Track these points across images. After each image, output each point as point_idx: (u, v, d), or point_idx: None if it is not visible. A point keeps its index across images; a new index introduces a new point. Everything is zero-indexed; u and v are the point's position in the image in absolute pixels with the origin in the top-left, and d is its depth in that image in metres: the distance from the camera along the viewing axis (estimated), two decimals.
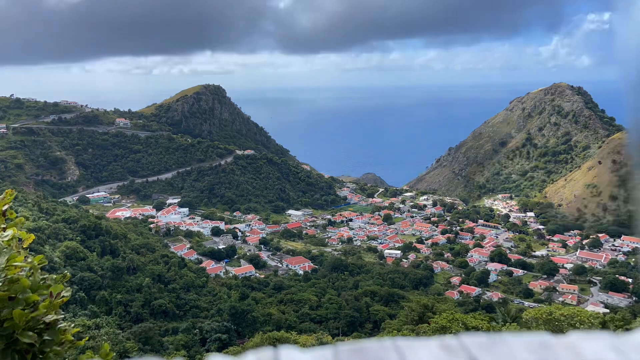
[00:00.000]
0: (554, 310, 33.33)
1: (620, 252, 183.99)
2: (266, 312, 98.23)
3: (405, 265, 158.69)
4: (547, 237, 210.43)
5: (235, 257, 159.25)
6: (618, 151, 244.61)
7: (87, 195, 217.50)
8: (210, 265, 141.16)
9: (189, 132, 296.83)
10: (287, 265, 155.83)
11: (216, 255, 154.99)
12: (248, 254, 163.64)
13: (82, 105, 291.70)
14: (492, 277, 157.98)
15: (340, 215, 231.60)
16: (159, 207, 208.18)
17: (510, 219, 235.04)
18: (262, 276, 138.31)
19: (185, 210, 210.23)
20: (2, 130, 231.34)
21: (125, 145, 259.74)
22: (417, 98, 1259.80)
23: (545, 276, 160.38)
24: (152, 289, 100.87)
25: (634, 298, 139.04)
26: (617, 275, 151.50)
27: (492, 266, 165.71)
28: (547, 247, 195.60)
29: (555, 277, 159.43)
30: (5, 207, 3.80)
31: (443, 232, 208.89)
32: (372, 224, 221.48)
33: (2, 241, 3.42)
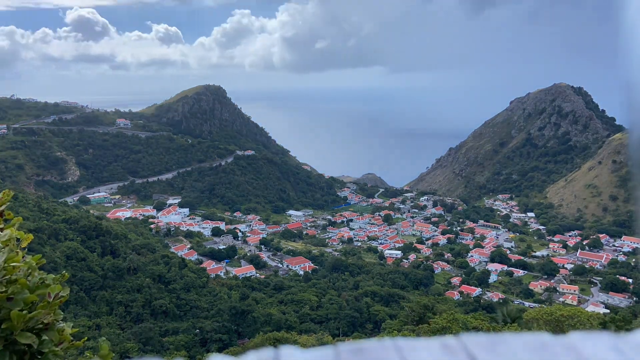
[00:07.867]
0: (555, 310, 33.34)
1: (621, 252, 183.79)
2: (266, 313, 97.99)
3: (406, 266, 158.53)
4: (548, 237, 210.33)
5: (236, 257, 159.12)
6: (618, 151, 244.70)
7: (88, 196, 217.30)
8: (210, 265, 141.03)
9: (189, 133, 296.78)
10: (287, 266, 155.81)
11: (216, 256, 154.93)
12: (248, 254, 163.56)
13: (82, 106, 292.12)
14: (493, 278, 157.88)
15: (341, 215, 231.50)
16: (159, 208, 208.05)
17: (511, 219, 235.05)
18: (263, 276, 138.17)
19: (186, 210, 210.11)
20: (3, 130, 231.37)
21: (126, 146, 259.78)
22: None
23: (545, 276, 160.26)
24: (152, 289, 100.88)
25: (635, 298, 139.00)
26: (617, 276, 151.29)
27: (492, 266, 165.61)
28: (548, 247, 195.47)
29: (556, 278, 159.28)
30: (2, 207, 3.78)
31: (443, 233, 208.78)
32: (373, 224, 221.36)
33: (0, 241, 3.39)
